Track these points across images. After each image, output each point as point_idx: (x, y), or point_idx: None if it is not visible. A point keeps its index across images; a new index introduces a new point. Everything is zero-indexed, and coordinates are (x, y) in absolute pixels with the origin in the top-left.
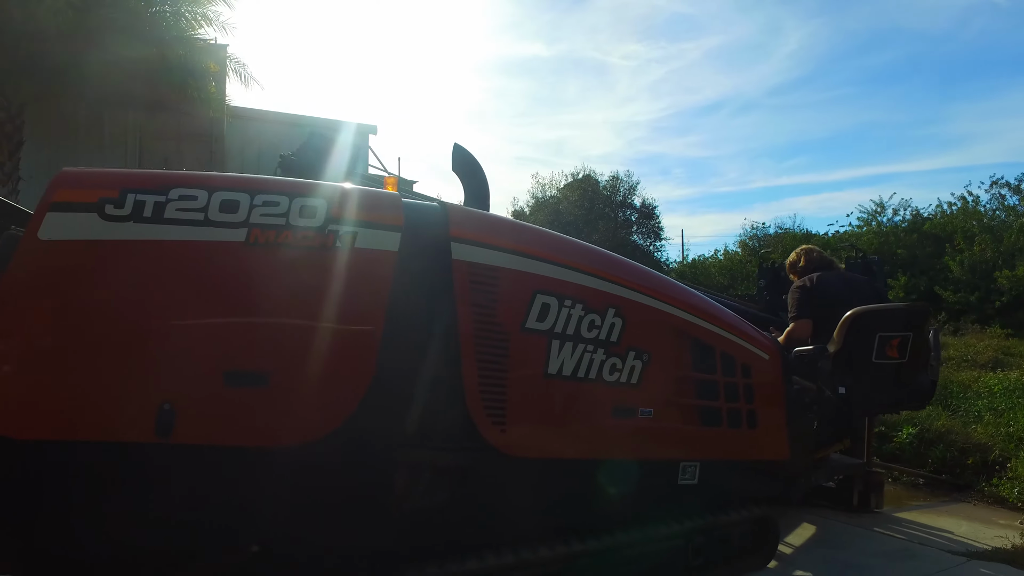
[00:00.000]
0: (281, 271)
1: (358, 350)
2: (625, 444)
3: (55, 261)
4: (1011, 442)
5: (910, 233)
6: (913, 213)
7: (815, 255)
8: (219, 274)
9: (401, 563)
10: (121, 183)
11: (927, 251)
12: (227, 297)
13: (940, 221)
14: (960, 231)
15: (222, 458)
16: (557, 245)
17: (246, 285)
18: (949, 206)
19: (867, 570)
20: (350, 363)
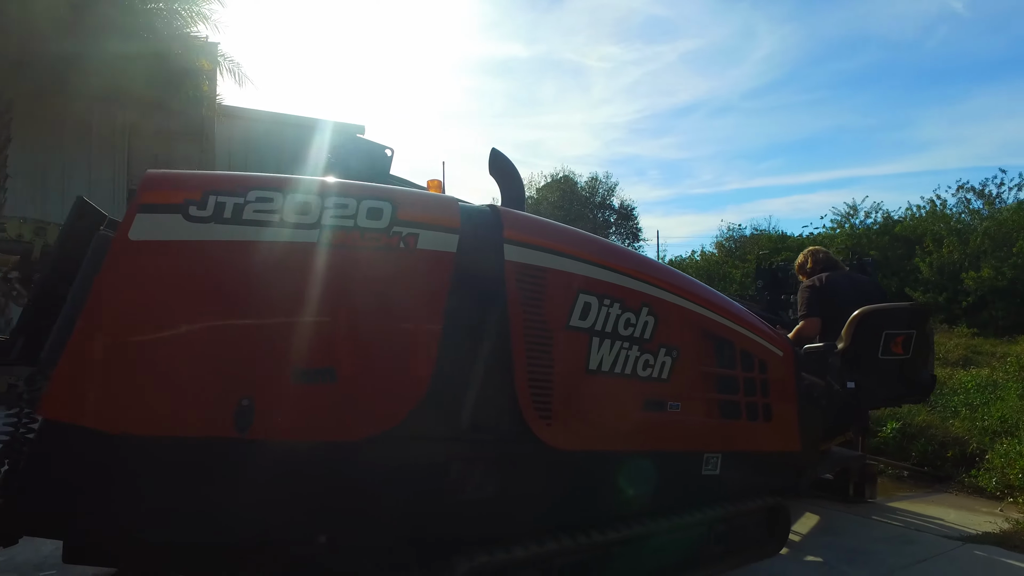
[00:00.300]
0: (349, 271)
1: (420, 348)
2: (656, 436)
3: (144, 261)
4: (986, 435)
5: (881, 235)
6: (884, 216)
7: (822, 256)
8: (292, 274)
9: (452, 553)
10: (203, 185)
11: (898, 253)
12: (299, 296)
13: (910, 224)
14: (929, 234)
15: (294, 453)
16: (597, 246)
17: (317, 284)
18: (918, 209)
19: (872, 555)
20: (413, 360)
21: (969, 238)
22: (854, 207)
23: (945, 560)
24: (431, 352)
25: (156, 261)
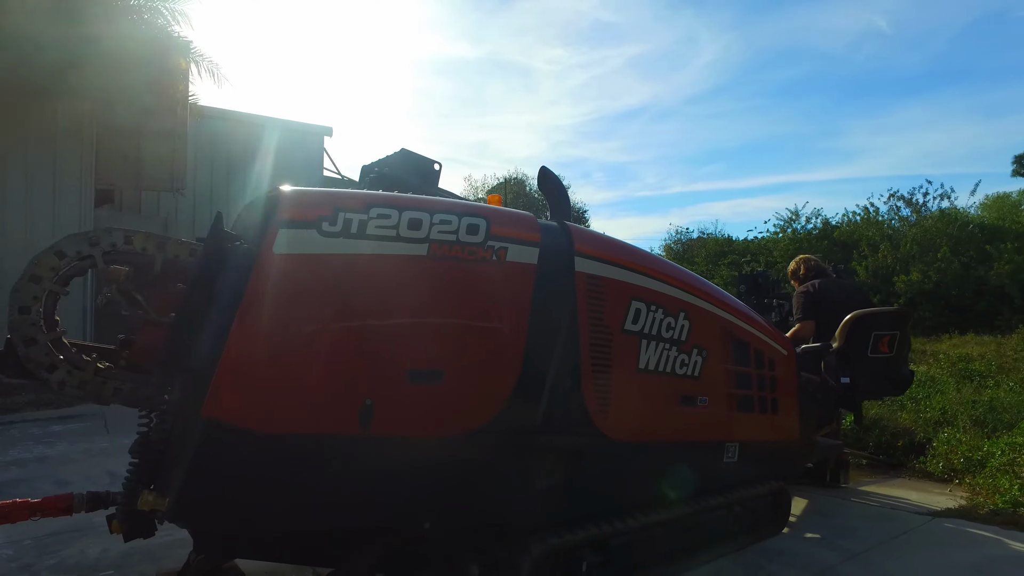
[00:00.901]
0: (452, 281)
1: (509, 351)
2: (689, 428)
3: (285, 273)
4: (930, 426)
5: (821, 240)
6: (823, 221)
7: (812, 263)
8: (406, 283)
9: (526, 535)
10: (333, 203)
11: (836, 257)
12: (412, 304)
13: (847, 229)
14: (864, 239)
15: (407, 447)
16: (644, 257)
17: (426, 293)
18: (854, 215)
19: (860, 530)
20: (504, 362)
21: (900, 243)
22: (796, 213)
23: (922, 532)
24: (517, 355)
25: (296, 273)
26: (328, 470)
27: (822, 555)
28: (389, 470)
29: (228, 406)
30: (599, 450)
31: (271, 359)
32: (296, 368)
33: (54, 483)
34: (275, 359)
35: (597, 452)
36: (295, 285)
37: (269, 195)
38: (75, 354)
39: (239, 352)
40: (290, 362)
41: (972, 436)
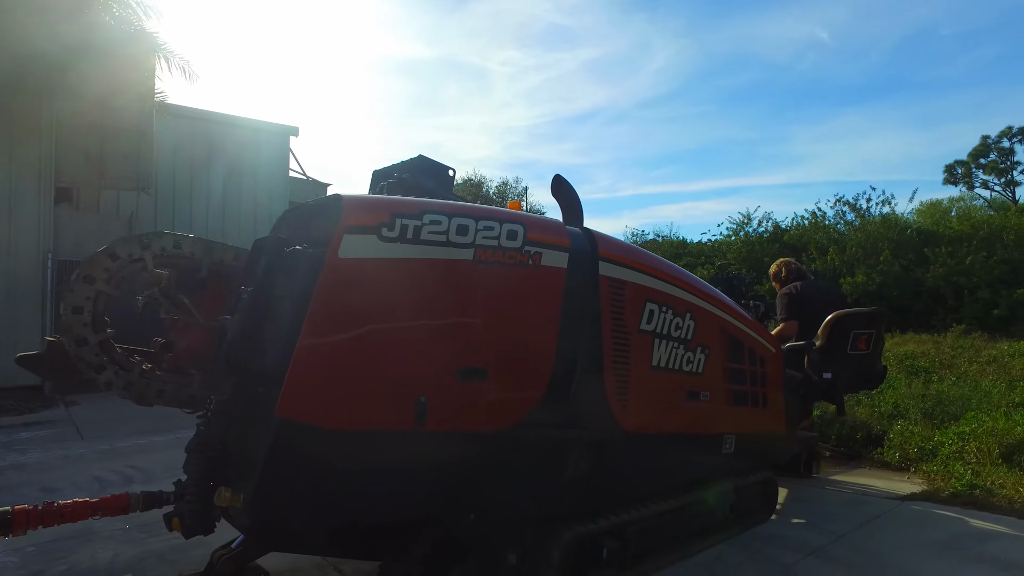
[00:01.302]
0: (494, 284)
1: (543, 350)
2: (694, 422)
3: (350, 276)
4: (884, 419)
5: (772, 243)
6: (774, 225)
7: (793, 267)
8: (455, 286)
9: (556, 526)
10: (391, 209)
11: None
12: (459, 306)
13: (796, 233)
14: (813, 242)
15: (455, 442)
16: (657, 261)
17: (471, 295)
18: (802, 219)
19: (840, 515)
20: (539, 361)
21: (846, 247)
22: (748, 216)
23: (895, 514)
24: (550, 354)
25: (359, 277)
26: (388, 465)
27: (811, 538)
28: (441, 463)
29: (300, 406)
30: (618, 442)
31: (337, 360)
32: (359, 368)
33: (40, 490)
34: (340, 360)
35: (616, 444)
36: (358, 288)
37: (330, 200)
38: (122, 355)
39: (309, 353)
40: (353, 362)
41: (923, 428)
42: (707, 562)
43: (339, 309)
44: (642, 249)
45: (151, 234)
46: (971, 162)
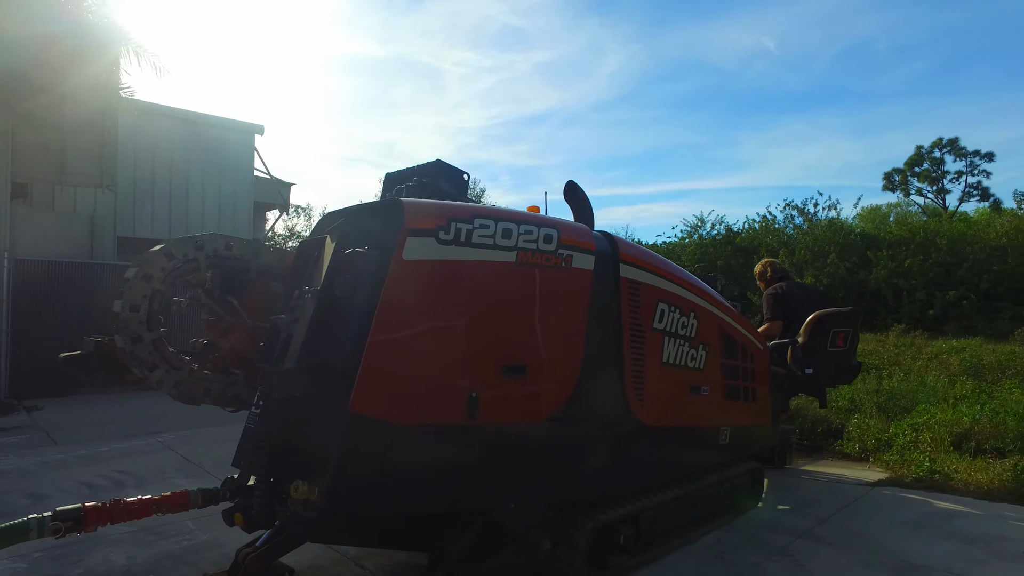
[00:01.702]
0: (533, 285)
1: (574, 347)
2: (697, 414)
3: (413, 277)
4: (842, 413)
5: (724, 245)
6: (726, 228)
7: (777, 267)
8: (500, 286)
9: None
10: (447, 214)
11: (739, 262)
12: (504, 305)
13: (748, 235)
14: (764, 245)
15: (500, 434)
16: (666, 264)
17: (514, 295)
18: (753, 223)
19: (819, 500)
20: (570, 358)
21: (795, 250)
22: (701, 219)
23: (868, 499)
24: (579, 351)
25: (419, 277)
26: (444, 457)
27: (798, 522)
28: (488, 456)
29: (370, 401)
30: (635, 434)
31: (402, 357)
32: (420, 365)
33: (27, 497)
34: (404, 357)
35: (634, 436)
36: (419, 289)
37: (389, 204)
38: (173, 354)
39: (378, 351)
40: (415, 359)
41: (879, 421)
42: (709, 546)
43: (403, 309)
44: (654, 253)
45: (205, 236)
46: (907, 170)
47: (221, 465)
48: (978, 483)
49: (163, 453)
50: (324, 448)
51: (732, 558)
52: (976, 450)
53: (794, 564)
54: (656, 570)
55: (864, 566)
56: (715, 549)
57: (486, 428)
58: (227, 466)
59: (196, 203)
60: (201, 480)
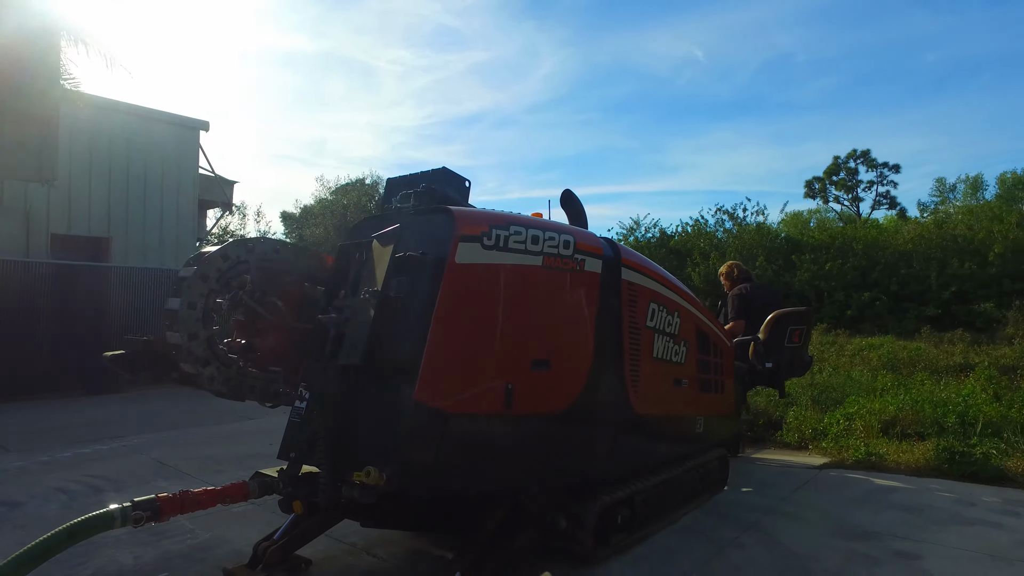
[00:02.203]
0: (554, 287)
1: (586, 344)
2: (679, 404)
3: (464, 279)
4: (780, 406)
5: (659, 248)
6: (660, 231)
7: (742, 268)
8: (530, 288)
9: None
10: (489, 221)
11: (673, 264)
12: (533, 304)
13: (681, 239)
14: (696, 248)
15: (529, 422)
16: (655, 268)
17: (540, 296)
18: (686, 226)
19: (776, 483)
20: (583, 353)
21: (726, 252)
22: (637, 222)
23: (818, 480)
24: (590, 347)
25: (468, 279)
26: (488, 443)
27: (762, 501)
28: (521, 442)
29: (430, 392)
30: (631, 422)
31: (455, 352)
32: (469, 359)
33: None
34: (457, 352)
35: (630, 424)
36: (469, 290)
37: (439, 212)
38: (223, 352)
39: (436, 347)
40: (466, 354)
41: (813, 412)
42: (689, 524)
43: (456, 308)
44: (646, 258)
45: (256, 239)
46: (826, 179)
47: (198, 467)
48: (907, 462)
49: (132, 457)
50: (389, 436)
51: (712, 534)
52: (901, 435)
53: (767, 536)
54: (648, 547)
55: (827, 535)
56: (695, 527)
57: (519, 417)
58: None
59: (137, 200)
60: (184, 482)
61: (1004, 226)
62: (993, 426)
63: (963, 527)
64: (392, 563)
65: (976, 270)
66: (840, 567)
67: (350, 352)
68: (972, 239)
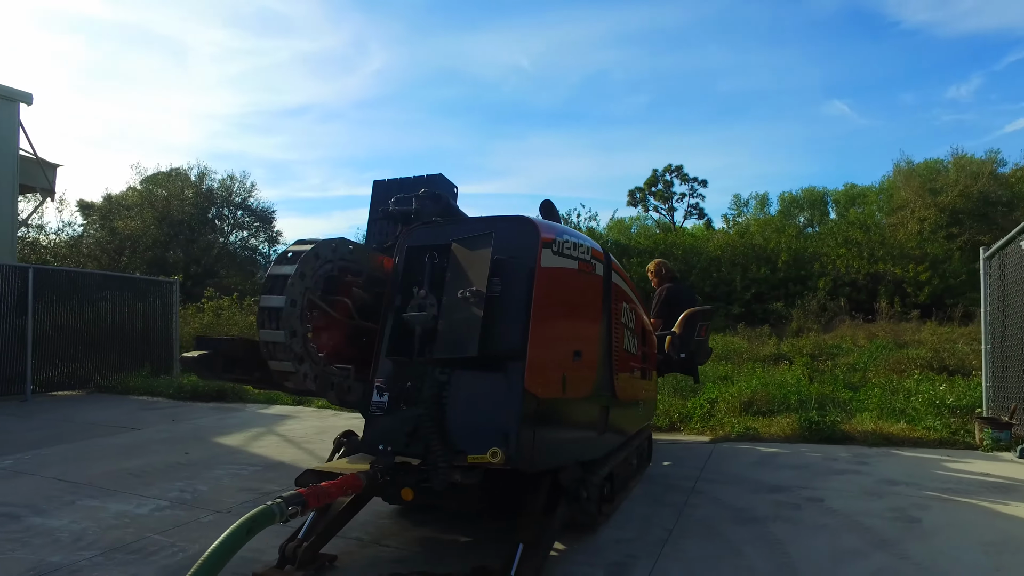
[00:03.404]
0: (583, 288)
1: (597, 337)
2: (634, 391)
3: (545, 280)
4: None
5: None
6: None
7: (668, 267)
8: (572, 288)
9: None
10: (553, 230)
11: None
12: (573, 302)
13: None
14: None
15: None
16: (624, 274)
17: (575, 295)
18: None
19: (685, 457)
20: (596, 345)
21: None
22: None
23: (718, 452)
24: (599, 340)
25: (547, 280)
26: (558, 423)
27: (687, 471)
28: (571, 422)
29: (533, 380)
30: (615, 406)
31: (544, 344)
32: (550, 350)
33: None
34: (545, 344)
35: (614, 408)
36: (548, 290)
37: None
38: (313, 349)
39: (536, 340)
40: (549, 346)
41: (676, 400)
42: (642, 494)
43: (542, 306)
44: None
45: (337, 240)
46: (646, 189)
47: (118, 482)
48: (776, 433)
49: (28, 478)
50: (500, 420)
51: (665, 499)
52: (757, 412)
53: (708, 497)
54: (622, 514)
55: (750, 491)
56: (648, 496)
57: (570, 400)
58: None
59: None
60: (115, 498)
61: (787, 237)
62: (818, 400)
63: (838, 476)
64: (411, 551)
65: (769, 274)
66: (775, 512)
67: (460, 346)
68: (766, 248)
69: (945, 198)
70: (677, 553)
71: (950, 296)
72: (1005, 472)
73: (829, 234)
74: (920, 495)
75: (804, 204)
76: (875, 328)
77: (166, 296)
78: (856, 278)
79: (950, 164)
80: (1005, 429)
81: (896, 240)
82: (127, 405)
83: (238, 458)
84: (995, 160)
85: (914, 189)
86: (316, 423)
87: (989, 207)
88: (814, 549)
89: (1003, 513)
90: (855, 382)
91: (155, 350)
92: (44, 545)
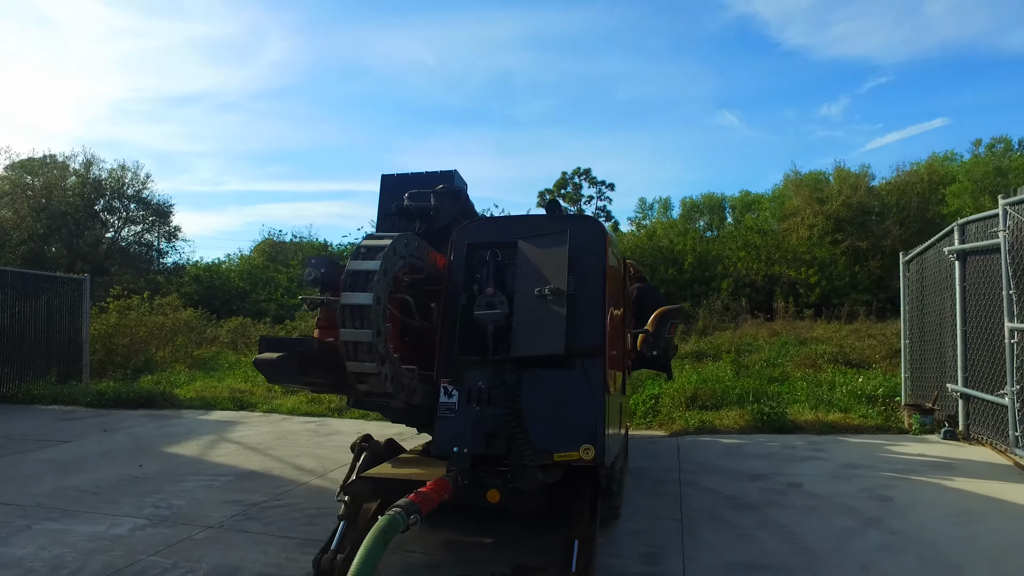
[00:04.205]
0: (623, 286)
1: (625, 334)
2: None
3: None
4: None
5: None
6: None
7: (638, 268)
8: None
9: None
10: (607, 232)
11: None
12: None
13: None
14: None
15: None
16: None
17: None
18: None
19: (657, 450)
20: (625, 341)
21: None
22: None
23: (684, 443)
24: (626, 337)
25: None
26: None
27: (667, 464)
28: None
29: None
30: (625, 400)
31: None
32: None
33: None
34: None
35: (625, 401)
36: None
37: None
38: (390, 349)
39: (610, 336)
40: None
41: None
42: (636, 486)
43: (611, 304)
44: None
45: (408, 235)
46: (556, 191)
47: (75, 500)
48: (731, 426)
49: None
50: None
51: (659, 491)
52: (703, 406)
53: (695, 486)
54: (626, 506)
55: (733, 480)
56: (642, 488)
57: (618, 395)
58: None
59: None
60: (75, 519)
61: (692, 240)
62: (752, 394)
63: (803, 462)
64: (440, 555)
65: (676, 275)
66: (764, 498)
67: (544, 344)
68: (672, 250)
69: (830, 207)
70: (697, 541)
71: (836, 296)
72: (938, 452)
73: (730, 237)
74: (881, 476)
75: (704, 209)
76: (776, 326)
77: (73, 294)
78: (755, 279)
79: (832, 176)
80: (929, 414)
81: (789, 244)
82: (40, 416)
83: (202, 468)
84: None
85: (803, 198)
86: (269, 428)
87: (865, 216)
88: (816, 530)
89: (955, 488)
90: (777, 376)
91: (61, 354)
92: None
